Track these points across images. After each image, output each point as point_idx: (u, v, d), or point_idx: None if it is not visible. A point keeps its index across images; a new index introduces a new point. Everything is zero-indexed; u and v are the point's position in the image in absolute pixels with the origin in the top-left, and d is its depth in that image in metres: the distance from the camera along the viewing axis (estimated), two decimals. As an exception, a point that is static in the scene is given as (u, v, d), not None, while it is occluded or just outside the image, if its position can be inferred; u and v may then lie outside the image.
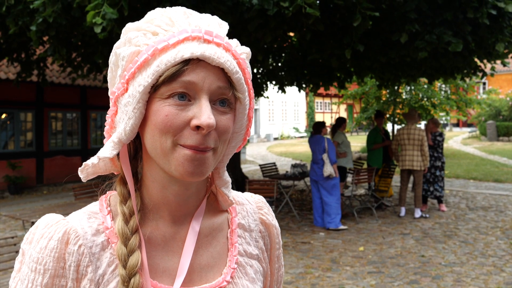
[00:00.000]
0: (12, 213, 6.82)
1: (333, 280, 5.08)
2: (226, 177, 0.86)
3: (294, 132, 34.29)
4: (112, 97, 0.76)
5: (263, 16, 4.94)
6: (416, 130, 7.87)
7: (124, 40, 0.75)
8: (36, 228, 0.76)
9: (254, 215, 0.94)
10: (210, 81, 0.72)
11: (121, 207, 0.77)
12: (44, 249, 0.73)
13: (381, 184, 8.75)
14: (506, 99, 25.71)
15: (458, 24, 5.78)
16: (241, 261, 0.87)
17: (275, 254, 0.97)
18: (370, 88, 16.22)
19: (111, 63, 0.78)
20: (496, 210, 8.57)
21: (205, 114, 0.70)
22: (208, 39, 0.73)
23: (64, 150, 13.20)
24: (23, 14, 5.26)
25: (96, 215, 0.79)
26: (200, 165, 0.72)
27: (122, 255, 0.73)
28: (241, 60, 0.77)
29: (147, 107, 0.73)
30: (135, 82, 0.72)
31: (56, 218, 0.77)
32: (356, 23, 4.73)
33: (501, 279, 5.01)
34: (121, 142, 0.75)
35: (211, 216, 0.87)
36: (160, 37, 0.73)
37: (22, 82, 9.85)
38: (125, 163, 0.80)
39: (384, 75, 9.38)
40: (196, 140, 0.71)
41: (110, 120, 0.78)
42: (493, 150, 20.34)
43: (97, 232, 0.76)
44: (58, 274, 0.72)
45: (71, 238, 0.74)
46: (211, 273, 0.83)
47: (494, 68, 8.25)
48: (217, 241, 0.86)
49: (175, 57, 0.70)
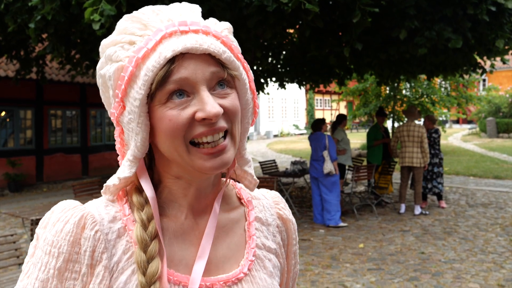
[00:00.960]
0: (12, 210, 6.82)
1: (333, 277, 5.08)
2: (248, 156, 0.85)
3: (294, 129, 34.28)
4: (113, 118, 0.76)
5: (263, 13, 4.92)
6: (416, 127, 7.86)
7: (104, 59, 0.74)
8: (52, 213, 0.75)
9: (271, 209, 0.93)
10: (201, 71, 0.70)
11: (139, 214, 0.75)
12: (60, 232, 0.72)
13: (381, 181, 8.74)
14: (505, 96, 25.70)
15: (457, 20, 5.76)
16: (259, 254, 0.85)
17: (292, 250, 0.95)
18: (370, 84, 16.20)
19: (100, 86, 0.77)
20: (496, 207, 8.57)
21: (208, 105, 0.69)
22: (185, 30, 0.71)
23: (64, 147, 13.19)
24: (22, 12, 5.25)
25: (113, 203, 0.78)
26: (222, 157, 0.72)
27: (142, 262, 0.71)
28: (224, 39, 0.75)
29: (150, 116, 0.72)
30: (130, 98, 0.71)
31: (73, 203, 0.76)
32: (356, 20, 4.72)
33: (501, 276, 5.01)
34: (137, 158, 0.75)
35: (228, 209, 0.87)
36: (138, 45, 0.71)
37: (21, 79, 9.84)
38: (143, 177, 0.78)
39: (383, 72, 9.37)
40: (206, 126, 0.70)
41: (120, 139, 0.78)
42: (493, 146, 20.34)
43: (114, 219, 0.75)
44: (72, 258, 0.71)
45: (88, 223, 0.73)
46: (228, 265, 0.81)
47: (493, 66, 8.24)
48: (234, 232, 0.85)
49: (158, 60, 0.68)
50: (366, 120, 18.63)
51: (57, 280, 0.71)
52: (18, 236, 4.27)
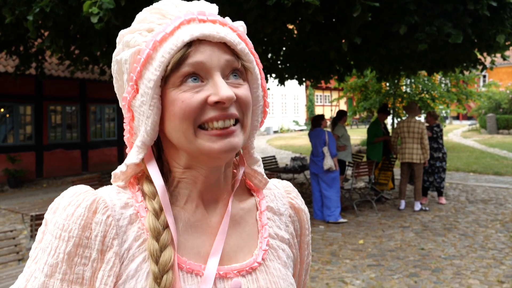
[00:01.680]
0: (11, 206, 6.81)
1: (332, 273, 5.07)
2: (257, 156, 0.85)
3: (294, 125, 34.27)
4: (125, 103, 0.76)
5: (262, 7, 4.90)
6: (416, 123, 7.84)
7: (121, 46, 0.76)
8: (62, 198, 0.74)
9: (282, 199, 0.92)
10: (217, 57, 0.72)
11: (150, 203, 0.75)
12: (71, 216, 0.71)
13: (381, 177, 8.73)
14: (506, 92, 25.67)
15: (458, 16, 5.73)
16: (273, 244, 0.84)
17: (305, 240, 0.94)
18: (370, 80, 16.17)
19: (114, 73, 0.77)
20: (496, 203, 8.57)
21: (222, 89, 0.69)
22: (203, 19, 0.73)
23: (64, 143, 13.18)
24: (20, 4, 5.21)
25: (125, 190, 0.78)
26: (230, 139, 0.72)
27: (155, 250, 0.71)
28: (240, 32, 0.77)
29: (162, 100, 0.72)
30: (144, 79, 0.72)
31: (84, 187, 0.76)
32: (356, 14, 4.69)
33: (500, 272, 5.01)
34: (145, 145, 0.75)
35: (238, 198, 0.86)
36: (156, 31, 0.73)
37: (21, 75, 9.81)
38: (151, 165, 0.77)
39: (383, 67, 9.34)
40: (218, 111, 0.71)
41: (129, 127, 0.77)
42: (493, 143, 20.33)
43: (126, 205, 0.75)
44: (83, 243, 0.70)
45: (100, 207, 0.72)
46: (242, 254, 0.80)
47: (493, 62, 8.20)
48: (245, 221, 0.84)
49: (176, 43, 0.70)
50: (366, 116, 18.60)
51: (67, 265, 0.70)
52: (18, 232, 4.26)
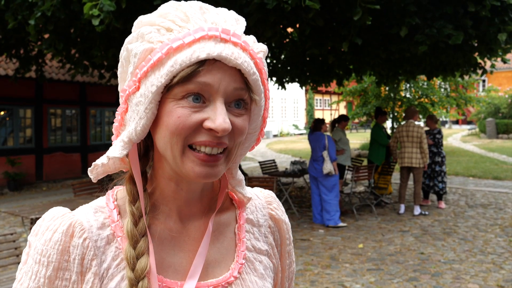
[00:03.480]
0: (11, 209, 6.80)
1: (332, 277, 5.07)
2: (239, 176, 0.85)
3: (294, 129, 34.28)
4: (123, 95, 0.74)
5: (263, 11, 4.91)
6: (415, 127, 7.85)
7: (136, 35, 0.72)
8: (43, 221, 0.75)
9: (263, 210, 0.92)
10: (226, 83, 0.69)
11: (130, 207, 0.75)
12: (49, 241, 0.72)
13: (381, 181, 8.73)
14: (505, 97, 25.70)
15: (458, 18, 5.74)
16: (249, 257, 0.85)
17: (286, 250, 0.94)
18: (369, 85, 16.19)
19: (122, 58, 0.76)
20: (495, 208, 8.57)
21: (220, 118, 0.68)
22: (225, 38, 0.70)
23: (64, 146, 13.18)
24: (22, 8, 5.23)
25: (102, 209, 0.78)
26: (212, 168, 0.71)
27: (131, 257, 0.72)
28: (258, 60, 0.74)
29: (159, 107, 0.71)
30: (148, 81, 0.70)
31: (62, 211, 0.76)
32: (357, 17, 4.70)
33: (500, 277, 5.00)
34: (132, 142, 0.74)
35: (218, 211, 0.86)
36: (174, 34, 0.70)
37: (21, 78, 9.84)
38: (134, 163, 0.77)
39: (383, 71, 9.35)
40: (210, 137, 0.69)
41: (120, 117, 0.76)
42: (492, 147, 20.33)
43: (102, 225, 0.76)
44: (62, 267, 0.72)
45: (76, 231, 0.73)
46: (218, 269, 0.81)
47: (494, 66, 8.22)
48: (224, 236, 0.85)
49: (190, 57, 0.67)
50: (365, 120, 18.64)
51: None
52: (18, 235, 4.25)
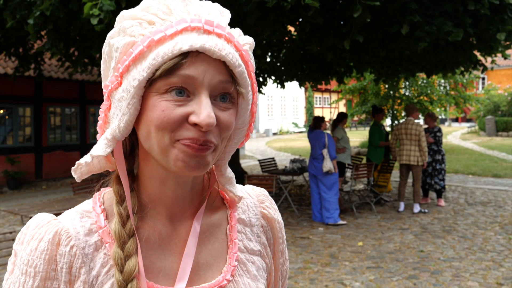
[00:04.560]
0: (10, 208, 6.80)
1: (332, 275, 5.07)
2: (229, 174, 0.82)
3: (293, 127, 34.28)
4: (106, 91, 0.72)
5: (262, 9, 4.91)
6: (414, 125, 7.86)
7: (118, 29, 0.71)
8: (27, 229, 0.73)
9: (255, 209, 0.90)
10: (210, 76, 0.67)
11: (118, 208, 0.73)
12: (35, 251, 0.70)
13: (380, 179, 8.74)
14: (504, 95, 25.69)
15: (458, 16, 5.75)
16: (242, 258, 0.83)
17: (279, 249, 0.92)
18: (369, 83, 16.19)
19: (104, 54, 0.73)
20: (495, 205, 8.58)
21: (204, 112, 0.66)
22: (209, 30, 0.68)
23: (63, 145, 13.18)
24: (21, 8, 5.23)
25: (89, 214, 0.75)
26: (201, 159, 0.69)
27: (119, 259, 0.70)
28: (244, 52, 0.72)
29: (142, 102, 0.68)
30: (130, 76, 0.68)
31: (47, 218, 0.73)
32: (357, 14, 4.69)
33: (499, 274, 5.01)
34: (115, 139, 0.71)
35: (209, 212, 0.83)
36: (156, 27, 0.68)
37: (20, 77, 9.83)
38: (119, 162, 0.75)
39: (382, 69, 9.34)
40: (196, 134, 0.67)
41: (104, 115, 0.74)
42: (492, 145, 20.34)
43: (90, 232, 0.73)
44: (50, 276, 0.69)
45: (63, 239, 0.71)
46: (210, 272, 0.79)
47: (494, 61, 8.20)
48: (215, 238, 0.82)
49: (172, 49, 0.65)
50: (365, 118, 18.63)
51: None
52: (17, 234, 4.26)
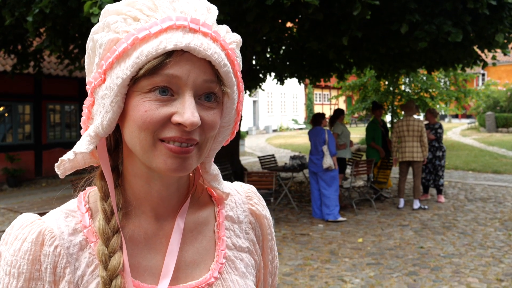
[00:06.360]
0: (10, 205, 6.82)
1: (332, 271, 5.08)
2: (214, 171, 0.81)
3: (293, 124, 34.28)
4: (89, 87, 0.71)
5: (261, 6, 4.90)
6: (415, 122, 7.85)
7: (102, 24, 0.69)
8: (12, 229, 0.72)
9: (243, 205, 0.89)
10: (195, 75, 0.66)
11: (102, 204, 0.73)
12: (18, 251, 0.69)
13: (380, 176, 8.75)
14: (504, 90, 25.67)
15: (457, 14, 5.75)
16: (230, 255, 0.82)
17: (268, 246, 0.91)
18: (369, 79, 16.17)
19: (88, 49, 0.72)
20: (495, 202, 8.58)
21: (188, 112, 0.65)
22: (194, 28, 0.67)
23: (63, 142, 13.17)
24: (20, 5, 5.21)
25: (73, 213, 0.74)
26: (184, 161, 0.68)
27: (103, 255, 0.69)
28: (230, 51, 0.71)
29: (126, 100, 0.68)
30: (113, 73, 0.67)
31: (31, 218, 0.73)
32: (356, 12, 4.69)
33: (499, 270, 5.02)
34: (98, 136, 0.70)
35: (196, 209, 0.82)
36: (141, 24, 0.67)
37: (19, 74, 9.80)
38: (103, 158, 0.74)
39: (383, 66, 9.34)
40: (179, 133, 0.66)
41: (87, 110, 0.73)
42: (492, 141, 20.35)
43: (74, 231, 0.72)
44: (34, 277, 0.69)
45: (47, 239, 0.70)
46: (198, 270, 0.78)
47: (495, 57, 8.20)
48: (203, 235, 0.81)
49: (157, 48, 0.64)
50: (365, 114, 18.63)
51: None
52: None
